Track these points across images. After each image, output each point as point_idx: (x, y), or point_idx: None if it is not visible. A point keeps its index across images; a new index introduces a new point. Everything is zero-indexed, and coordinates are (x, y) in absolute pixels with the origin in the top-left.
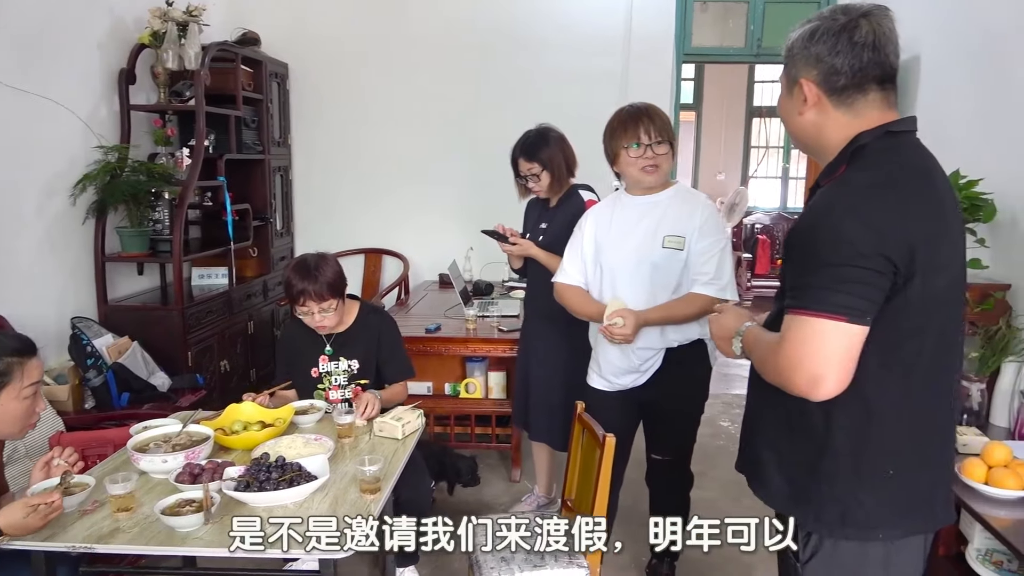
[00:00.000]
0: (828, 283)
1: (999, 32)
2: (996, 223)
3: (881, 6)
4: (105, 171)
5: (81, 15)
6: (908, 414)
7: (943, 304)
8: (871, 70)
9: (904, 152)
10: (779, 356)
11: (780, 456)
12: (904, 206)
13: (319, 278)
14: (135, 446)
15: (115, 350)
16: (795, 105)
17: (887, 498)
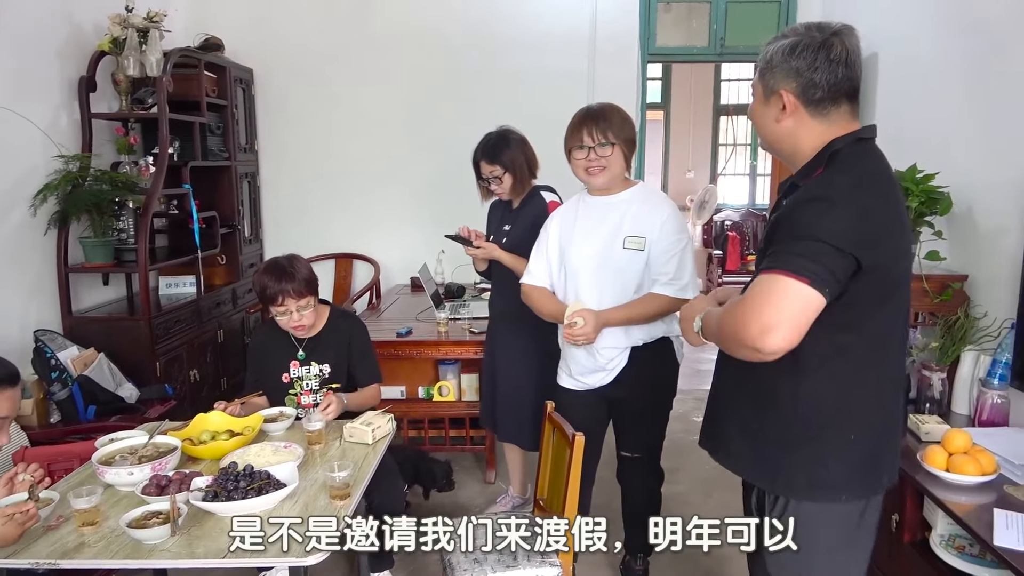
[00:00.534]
0: (802, 252)
1: (954, 31)
2: (953, 216)
3: (848, 25)
4: (66, 181)
5: (39, 23)
6: (868, 385)
7: (898, 287)
8: (844, 85)
9: (870, 157)
10: (739, 308)
11: (749, 429)
12: (875, 205)
13: (295, 275)
14: (100, 459)
15: (80, 362)
16: (772, 113)
17: (850, 462)
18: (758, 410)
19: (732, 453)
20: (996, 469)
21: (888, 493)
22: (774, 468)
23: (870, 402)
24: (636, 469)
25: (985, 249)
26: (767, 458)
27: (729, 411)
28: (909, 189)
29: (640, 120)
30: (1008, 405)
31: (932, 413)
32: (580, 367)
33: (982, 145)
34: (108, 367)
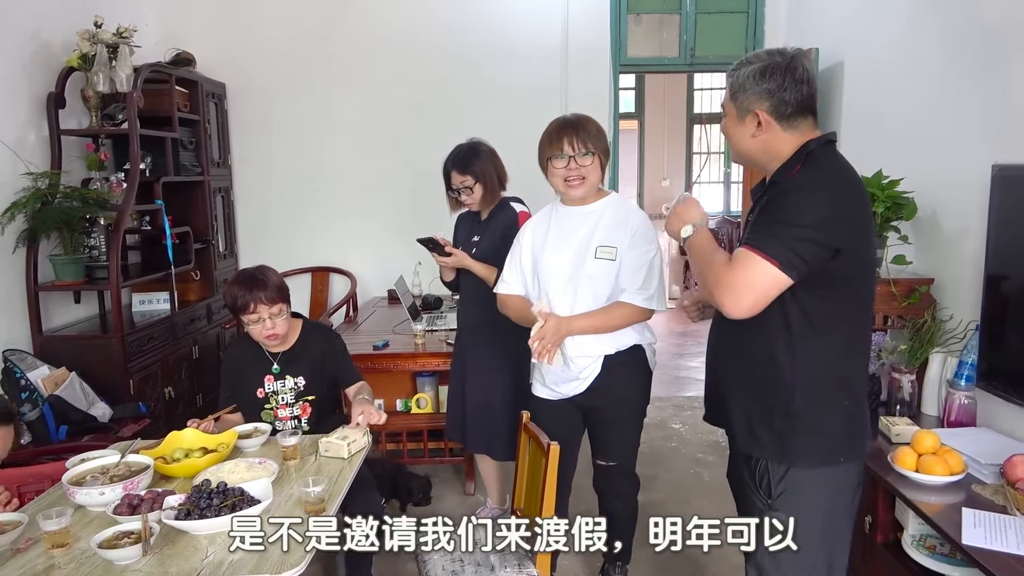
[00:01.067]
0: (779, 236)
1: (916, 38)
2: (918, 220)
3: (801, 49)
4: (35, 198)
5: (5, 40)
6: (854, 355)
7: (872, 273)
8: (808, 101)
9: (839, 158)
10: (722, 273)
11: (751, 405)
12: (850, 196)
13: (267, 282)
14: (71, 479)
15: (51, 382)
16: (748, 130)
17: (843, 427)
18: (757, 381)
19: (735, 426)
20: (964, 469)
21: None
22: (780, 439)
23: (856, 371)
24: (612, 477)
25: (949, 252)
26: (769, 428)
27: (729, 385)
28: (875, 195)
29: (613, 130)
30: (975, 405)
31: (902, 415)
32: (554, 376)
33: (943, 149)
34: (80, 386)
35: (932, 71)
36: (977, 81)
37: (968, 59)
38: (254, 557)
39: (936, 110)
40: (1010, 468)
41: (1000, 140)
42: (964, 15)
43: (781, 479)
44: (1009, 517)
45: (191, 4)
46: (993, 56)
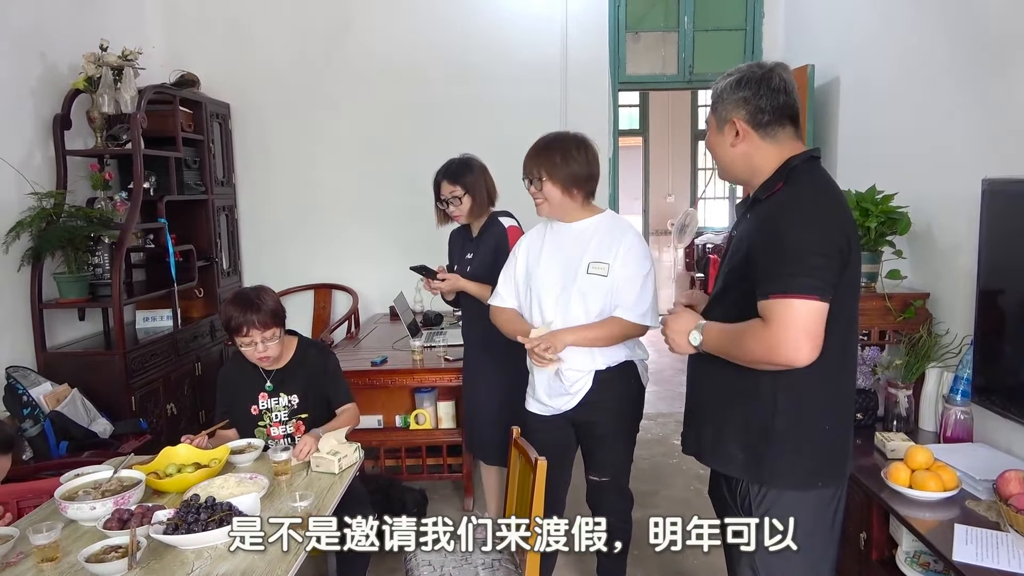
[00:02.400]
0: (800, 271)
1: (911, 54)
2: (914, 235)
3: (782, 63)
4: (40, 218)
5: (12, 62)
6: (836, 379)
7: (856, 290)
8: (786, 110)
9: (823, 173)
10: (765, 335)
11: (733, 428)
12: (841, 211)
13: (261, 307)
14: (63, 494)
15: (53, 398)
16: (727, 140)
17: (824, 450)
18: (740, 407)
19: (717, 452)
20: (958, 485)
21: (855, 512)
22: (757, 460)
23: (841, 394)
24: (605, 492)
25: (944, 266)
26: (750, 451)
27: (711, 412)
28: (869, 210)
29: (612, 147)
30: (972, 421)
31: (899, 430)
32: (546, 389)
33: (937, 163)
34: (82, 402)
35: (925, 86)
36: (969, 95)
37: (960, 73)
38: (239, 569)
39: (929, 125)
40: (1003, 484)
41: (991, 154)
42: (956, 30)
43: (761, 501)
44: (1002, 533)
45: (197, 27)
46: (984, 71)
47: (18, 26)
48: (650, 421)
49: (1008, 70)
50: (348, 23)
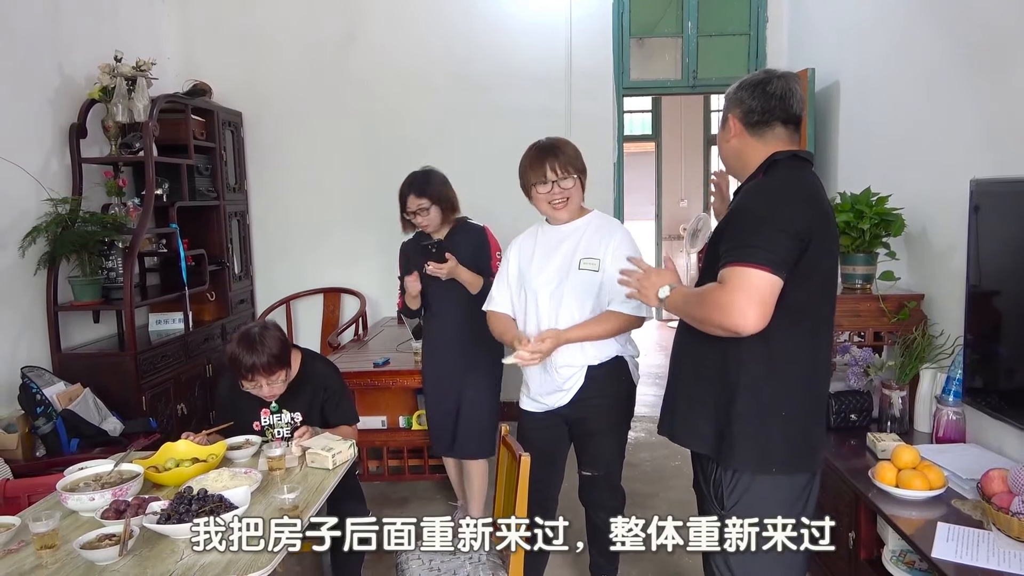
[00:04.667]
0: (759, 243)
1: (908, 57)
2: (909, 236)
3: (792, 72)
4: (56, 223)
5: (30, 73)
6: (799, 367)
7: (827, 283)
8: (776, 112)
9: (804, 172)
10: (718, 295)
11: (702, 404)
12: (808, 201)
13: (264, 351)
14: (65, 486)
15: (65, 397)
16: (725, 135)
17: (782, 437)
18: (709, 384)
19: (687, 428)
20: (944, 484)
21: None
22: (720, 437)
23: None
24: (596, 488)
25: (939, 268)
26: (716, 429)
27: (684, 388)
28: (863, 212)
29: (617, 152)
30: (964, 421)
31: (893, 431)
32: (538, 387)
33: (932, 165)
34: (93, 401)
35: (921, 88)
36: (965, 98)
37: (956, 76)
38: (224, 559)
39: (925, 127)
40: (987, 483)
41: (986, 156)
42: (950, 33)
43: (732, 489)
44: (984, 532)
45: (210, 38)
46: (980, 73)
47: (37, 39)
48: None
49: (1003, 72)
50: (357, 33)
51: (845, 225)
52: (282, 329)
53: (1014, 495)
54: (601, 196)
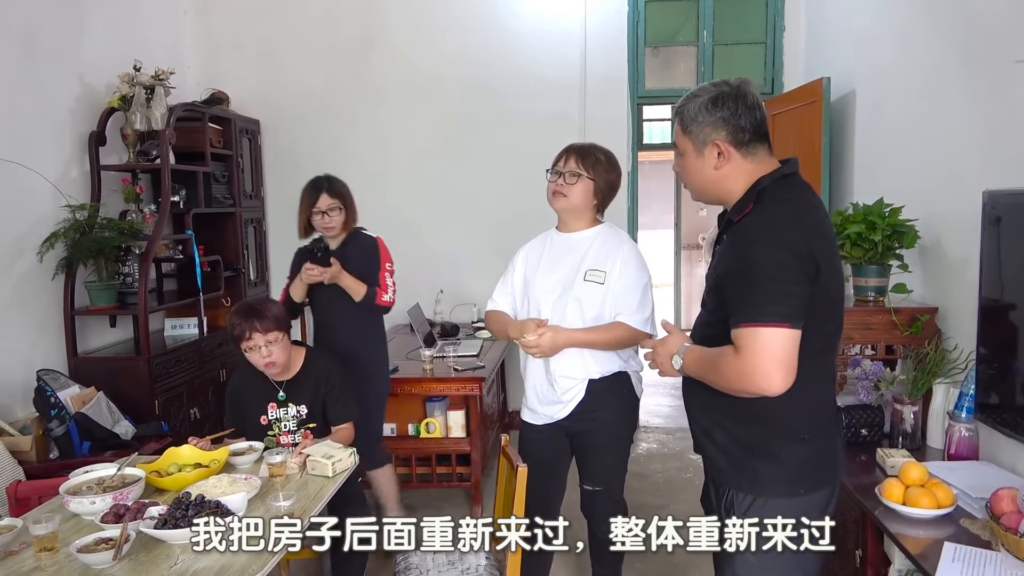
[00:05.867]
0: (768, 299)
1: (924, 67)
2: (923, 248)
3: (745, 78)
4: (74, 229)
5: (52, 83)
6: (815, 389)
7: (835, 303)
8: (761, 126)
9: (797, 190)
10: (736, 363)
11: (715, 435)
12: (809, 231)
13: (262, 313)
14: (68, 489)
15: (79, 400)
16: (710, 163)
17: (805, 458)
18: (720, 414)
19: (709, 455)
20: (953, 502)
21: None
22: (738, 467)
23: (819, 404)
24: (597, 502)
25: (953, 280)
26: (731, 459)
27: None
28: (875, 223)
29: (632, 161)
30: (977, 438)
31: (904, 447)
32: (537, 394)
33: (946, 176)
34: (107, 405)
35: (938, 98)
36: (978, 107)
37: (973, 86)
38: (217, 565)
39: (941, 137)
40: (996, 502)
41: (1002, 167)
42: (965, 42)
43: (747, 509)
44: (993, 552)
45: (229, 48)
46: (993, 83)
47: (60, 49)
48: (667, 435)
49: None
50: (373, 42)
51: (857, 236)
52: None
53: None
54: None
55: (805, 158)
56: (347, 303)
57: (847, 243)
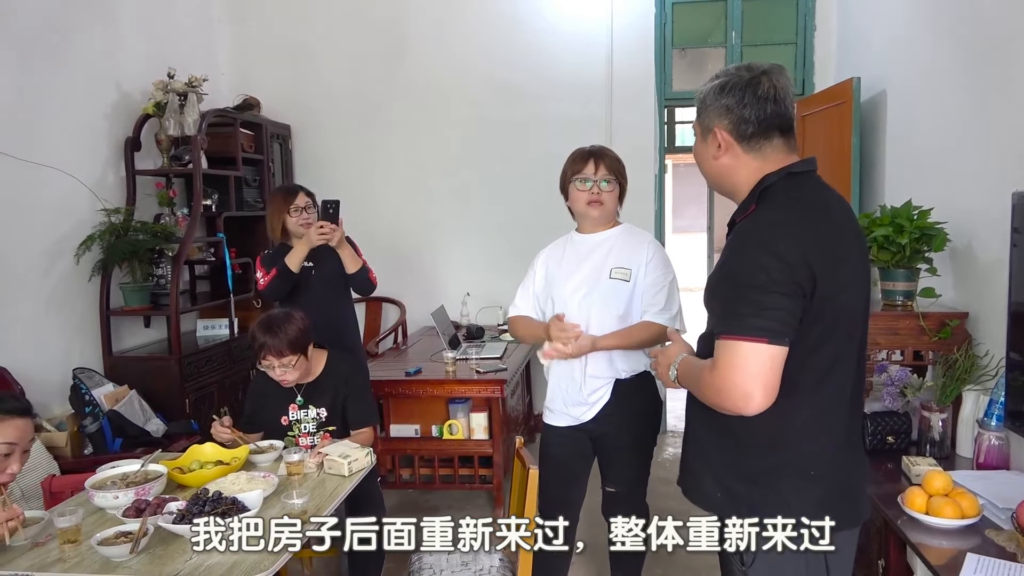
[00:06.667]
0: (750, 310)
1: (957, 67)
2: (954, 251)
3: (778, 65)
4: (109, 232)
5: (90, 91)
6: (823, 421)
7: (847, 318)
8: (774, 120)
9: (804, 190)
10: (713, 378)
11: (712, 464)
12: (806, 237)
13: (280, 334)
14: (93, 484)
15: (112, 398)
16: (710, 151)
17: (812, 496)
18: (715, 442)
19: (698, 488)
20: (979, 512)
21: (874, 538)
22: (732, 500)
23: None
24: (619, 504)
25: (984, 284)
26: (725, 490)
27: (692, 446)
28: (903, 226)
29: (659, 163)
30: (1008, 447)
31: (932, 455)
32: (563, 395)
33: (977, 178)
34: (139, 403)
35: (968, 98)
36: (1010, 108)
37: (1003, 86)
38: (230, 560)
39: (972, 138)
40: (1022, 512)
41: None
42: (998, 42)
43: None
44: (1018, 565)
45: (262, 54)
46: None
47: (97, 58)
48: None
49: None
50: (402, 48)
51: (884, 240)
52: (308, 321)
53: None
54: (642, 209)
55: (835, 160)
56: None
57: (874, 246)
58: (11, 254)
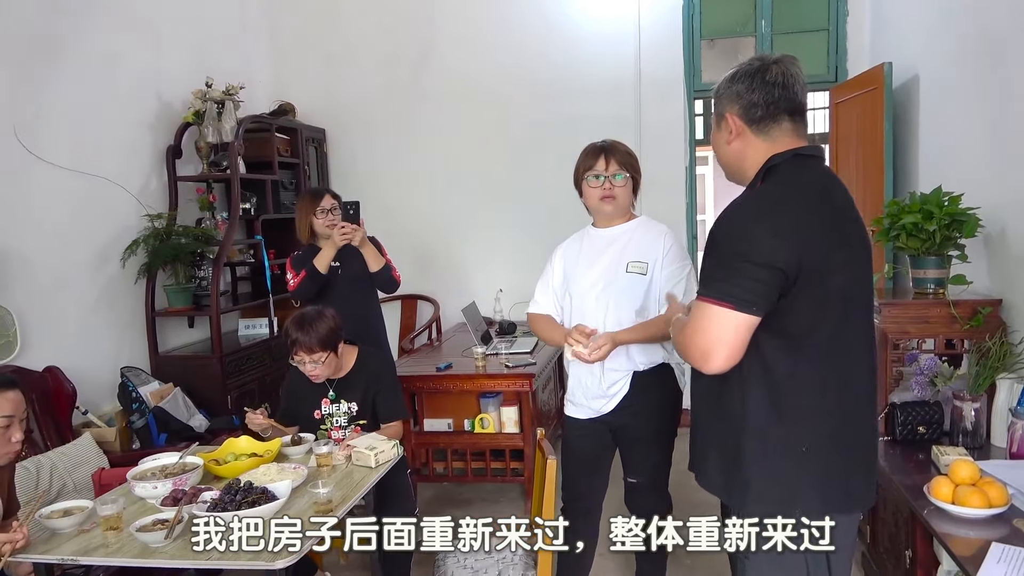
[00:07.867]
0: (723, 276)
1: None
2: (987, 238)
3: (790, 55)
4: (153, 236)
5: (134, 102)
6: (817, 397)
7: (841, 300)
8: (782, 104)
9: (807, 172)
10: (682, 336)
11: (712, 445)
12: (797, 219)
13: (311, 332)
14: (134, 475)
15: (157, 395)
16: (723, 136)
17: (804, 474)
18: (717, 422)
19: (701, 469)
20: (1007, 502)
21: (901, 528)
22: (731, 481)
23: (824, 415)
24: (641, 494)
25: (1018, 271)
26: (726, 472)
27: (698, 426)
28: (932, 212)
29: (689, 155)
30: None
31: (964, 445)
32: (584, 389)
33: (1015, 163)
34: (183, 400)
35: (1002, 82)
36: None
37: None
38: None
39: (1006, 122)
40: None
41: None
42: None
43: None
44: None
45: (297, 61)
46: None
47: (141, 70)
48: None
49: None
50: (432, 49)
51: (912, 227)
52: (339, 319)
53: None
54: (674, 201)
55: (868, 147)
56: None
57: (902, 233)
58: (62, 260)
